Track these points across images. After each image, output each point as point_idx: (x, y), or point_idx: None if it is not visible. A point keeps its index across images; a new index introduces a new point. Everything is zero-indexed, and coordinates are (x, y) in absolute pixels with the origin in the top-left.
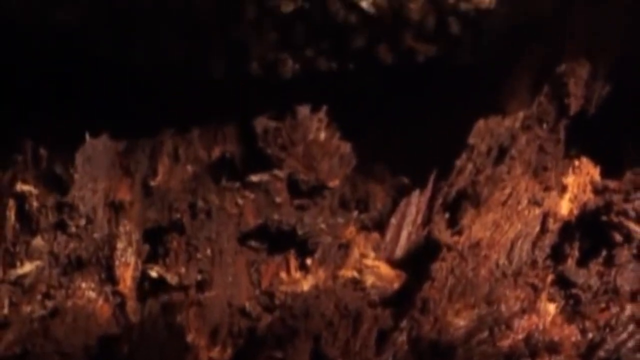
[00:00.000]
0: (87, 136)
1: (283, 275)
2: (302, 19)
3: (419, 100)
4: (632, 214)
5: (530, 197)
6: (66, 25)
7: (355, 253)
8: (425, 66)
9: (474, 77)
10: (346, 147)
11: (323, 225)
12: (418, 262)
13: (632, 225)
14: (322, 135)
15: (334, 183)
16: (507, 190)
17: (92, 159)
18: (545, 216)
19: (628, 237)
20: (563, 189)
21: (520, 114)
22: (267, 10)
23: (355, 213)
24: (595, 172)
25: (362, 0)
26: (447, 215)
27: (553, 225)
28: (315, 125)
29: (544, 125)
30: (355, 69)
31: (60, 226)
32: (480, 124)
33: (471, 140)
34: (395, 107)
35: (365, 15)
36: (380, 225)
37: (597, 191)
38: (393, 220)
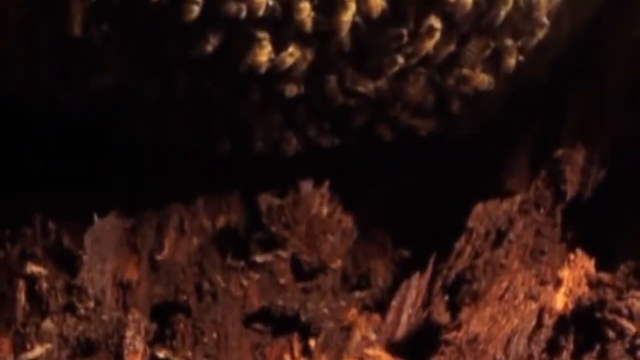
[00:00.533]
0: (95, 216)
1: (287, 358)
2: (304, 102)
3: (419, 172)
4: (625, 311)
5: (526, 291)
6: (72, 107)
7: (357, 336)
8: (424, 139)
9: (473, 151)
10: (348, 221)
11: (325, 310)
12: (419, 353)
13: (625, 323)
14: (325, 211)
15: (336, 264)
16: (504, 284)
17: (100, 239)
18: (541, 311)
19: (621, 333)
20: (558, 282)
21: (518, 198)
22: (271, 94)
23: (357, 293)
24: (590, 265)
25: (360, 85)
26: (446, 298)
27: (548, 320)
28: (317, 201)
29: (541, 210)
30: (356, 144)
31: (70, 308)
32: (479, 207)
33: (470, 223)
34: (395, 179)
35: (364, 98)
36: (381, 305)
37: (591, 285)
38: (394, 303)
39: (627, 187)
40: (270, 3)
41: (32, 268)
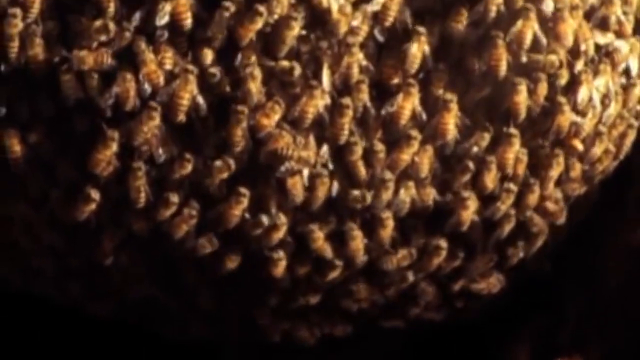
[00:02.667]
0: None
1: None
2: (320, 308)
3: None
4: None
5: None
6: (100, 313)
7: None
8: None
9: (472, 339)
10: None
11: None
12: None
13: None
14: None
15: None
16: None
17: None
18: None
19: None
20: None
21: None
22: (287, 299)
23: None
24: None
25: (373, 295)
26: None
27: None
28: None
29: None
30: (366, 334)
31: None
32: None
33: None
34: None
35: (375, 303)
36: None
37: None
38: None
39: None
40: (288, 239)
41: None
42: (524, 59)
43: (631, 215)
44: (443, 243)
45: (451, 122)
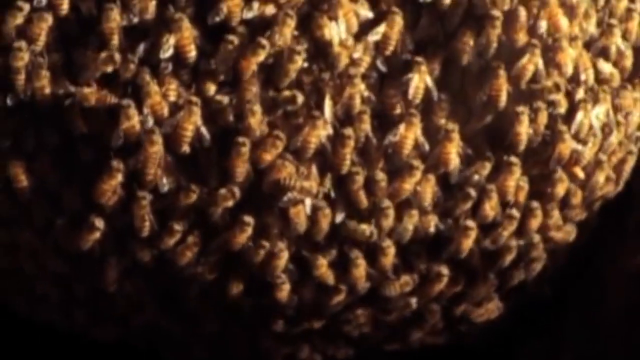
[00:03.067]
0: None
1: None
2: (323, 332)
3: None
4: None
5: None
6: (104, 338)
7: None
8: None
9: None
10: None
11: None
12: None
13: None
14: None
15: None
16: None
17: None
18: None
19: None
20: None
21: None
22: (291, 324)
23: None
24: None
25: (377, 317)
26: None
27: None
28: None
29: None
30: (368, 356)
31: None
32: None
33: None
34: None
35: (378, 329)
36: None
37: None
38: None
39: None
40: (291, 267)
41: None
42: (524, 88)
43: (631, 241)
44: (444, 269)
45: (453, 152)
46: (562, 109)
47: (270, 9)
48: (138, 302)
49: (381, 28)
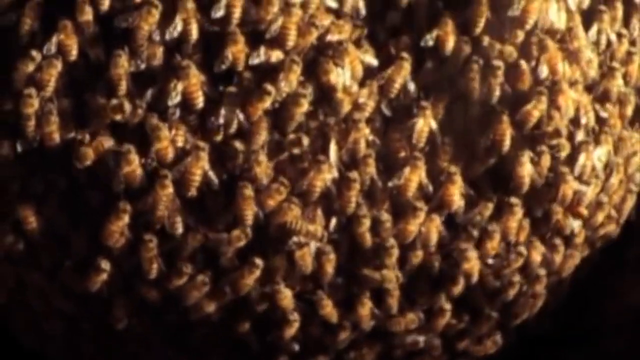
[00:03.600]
0: None
1: None
2: None
3: None
4: None
5: None
6: None
7: None
8: None
9: None
10: None
11: None
12: None
13: None
14: None
15: None
16: None
17: None
18: None
19: None
20: None
21: None
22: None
23: None
24: None
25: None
26: None
27: None
28: None
29: None
30: None
31: None
32: None
33: None
34: None
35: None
36: None
37: None
38: None
39: None
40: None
41: None
42: (527, 132)
43: (630, 276)
44: (447, 305)
45: (456, 194)
46: (564, 152)
47: (276, 55)
48: (146, 339)
49: (386, 73)
